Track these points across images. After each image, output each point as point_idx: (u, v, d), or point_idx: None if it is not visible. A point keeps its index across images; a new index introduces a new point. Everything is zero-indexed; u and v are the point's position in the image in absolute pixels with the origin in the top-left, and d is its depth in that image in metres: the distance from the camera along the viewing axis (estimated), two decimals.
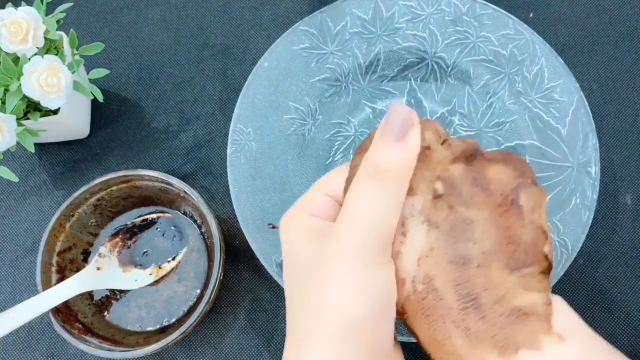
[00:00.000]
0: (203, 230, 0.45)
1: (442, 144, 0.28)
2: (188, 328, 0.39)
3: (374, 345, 0.26)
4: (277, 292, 0.45)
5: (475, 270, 0.26)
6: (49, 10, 0.45)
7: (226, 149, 0.45)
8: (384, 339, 0.26)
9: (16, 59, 0.42)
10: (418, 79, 0.48)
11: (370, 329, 0.26)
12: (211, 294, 0.40)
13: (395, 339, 0.28)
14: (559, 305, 0.26)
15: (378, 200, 0.25)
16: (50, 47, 0.44)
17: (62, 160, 0.50)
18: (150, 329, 0.44)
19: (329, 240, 0.27)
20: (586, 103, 0.44)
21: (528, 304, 0.26)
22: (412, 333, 0.28)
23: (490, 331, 0.26)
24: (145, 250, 0.45)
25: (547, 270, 0.27)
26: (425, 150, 0.27)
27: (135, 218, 0.46)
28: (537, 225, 0.27)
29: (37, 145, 0.50)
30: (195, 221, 0.45)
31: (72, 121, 0.47)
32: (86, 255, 0.45)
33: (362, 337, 0.25)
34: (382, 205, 0.25)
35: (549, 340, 0.25)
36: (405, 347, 0.35)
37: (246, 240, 0.43)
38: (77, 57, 0.45)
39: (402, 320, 0.28)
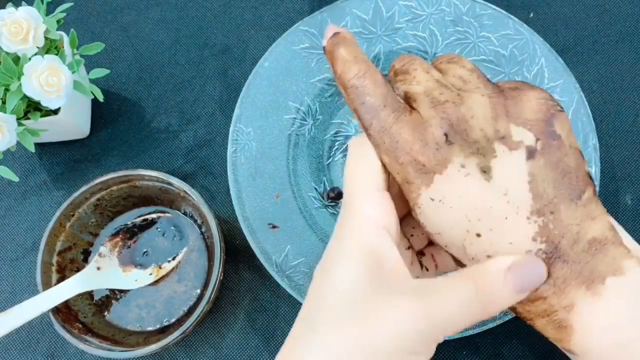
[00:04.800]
0: (203, 230, 0.45)
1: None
2: (188, 328, 0.39)
3: None
4: (277, 292, 0.45)
5: (550, 222, 0.26)
6: (49, 10, 0.45)
7: (226, 148, 0.45)
8: None
9: (17, 59, 0.42)
10: None
11: None
12: (211, 293, 0.40)
13: None
14: (620, 227, 0.27)
15: (467, 313, 0.26)
16: (51, 46, 0.44)
17: (62, 160, 0.50)
18: (150, 328, 0.44)
19: (394, 298, 0.26)
20: (586, 103, 0.44)
21: (599, 233, 0.26)
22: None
23: (575, 270, 0.26)
24: (145, 250, 0.45)
25: (595, 189, 0.27)
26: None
27: (136, 218, 0.46)
28: (575, 148, 0.27)
29: (37, 145, 0.50)
30: (195, 221, 0.45)
31: (73, 121, 0.47)
32: (86, 255, 0.45)
33: None
34: (466, 318, 0.26)
35: (630, 263, 0.26)
36: None
37: (246, 240, 0.43)
38: (77, 57, 0.45)
39: None
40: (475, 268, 0.27)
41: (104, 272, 0.44)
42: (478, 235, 0.27)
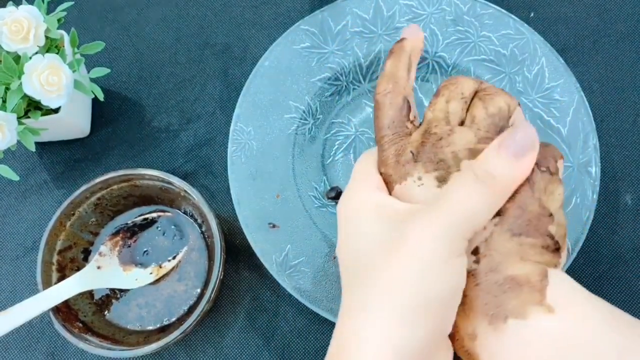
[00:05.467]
0: (203, 229, 0.45)
1: (467, 110, 0.31)
2: (188, 327, 0.39)
3: (434, 330, 0.26)
4: (277, 292, 0.45)
5: (480, 236, 0.27)
6: (50, 9, 0.45)
7: (227, 148, 0.45)
8: (445, 325, 0.27)
9: (17, 58, 0.42)
10: (418, 79, 0.48)
11: (438, 313, 0.26)
12: (211, 293, 0.40)
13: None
14: (562, 280, 0.26)
15: (478, 201, 0.26)
16: (51, 45, 0.44)
17: (62, 159, 0.50)
18: (150, 328, 0.44)
19: (410, 219, 0.27)
20: (587, 103, 0.44)
21: (522, 274, 0.26)
22: None
23: (483, 299, 0.26)
24: (145, 249, 0.45)
25: (552, 249, 0.27)
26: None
27: (136, 217, 0.46)
28: (544, 206, 0.27)
29: (37, 144, 0.50)
30: (195, 220, 0.45)
31: (73, 120, 0.47)
32: (87, 254, 0.45)
33: (428, 320, 0.25)
34: (480, 206, 0.26)
35: (536, 310, 0.25)
36: None
37: (246, 240, 0.43)
38: (77, 56, 0.45)
39: None
40: (469, 160, 0.28)
41: (104, 271, 0.44)
42: None
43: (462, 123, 0.30)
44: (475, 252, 0.27)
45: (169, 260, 0.45)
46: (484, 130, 0.29)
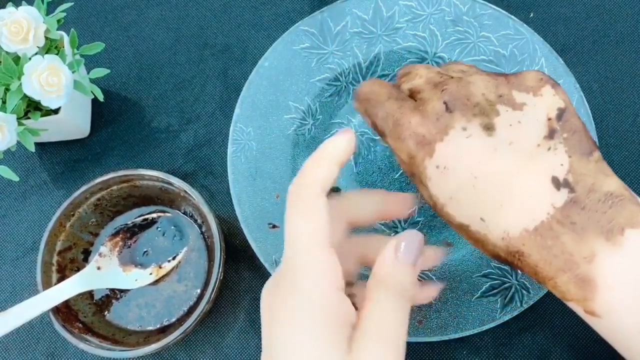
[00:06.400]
0: (203, 229, 0.45)
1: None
2: (188, 327, 0.39)
3: None
4: None
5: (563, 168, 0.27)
6: (49, 10, 0.45)
7: (226, 148, 0.45)
8: None
9: (17, 59, 0.42)
10: None
11: None
12: (211, 293, 0.40)
13: None
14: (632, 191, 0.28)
15: (404, 314, 0.26)
16: (51, 46, 0.44)
17: (62, 160, 0.50)
18: (150, 328, 0.44)
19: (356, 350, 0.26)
20: (586, 103, 0.44)
21: (615, 188, 0.27)
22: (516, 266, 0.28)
23: (594, 218, 0.26)
24: (145, 250, 0.45)
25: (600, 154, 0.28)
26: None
27: (136, 217, 0.46)
28: (578, 116, 0.28)
29: (37, 144, 0.50)
30: (195, 221, 0.45)
31: (73, 120, 0.47)
32: (86, 255, 0.45)
33: None
34: (404, 318, 0.27)
35: None
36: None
37: (246, 240, 0.43)
38: (77, 57, 0.45)
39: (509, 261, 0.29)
40: (374, 272, 0.27)
41: (104, 271, 0.44)
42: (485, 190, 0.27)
43: None
44: (566, 183, 0.27)
45: (169, 261, 0.45)
46: (482, 71, 0.29)
